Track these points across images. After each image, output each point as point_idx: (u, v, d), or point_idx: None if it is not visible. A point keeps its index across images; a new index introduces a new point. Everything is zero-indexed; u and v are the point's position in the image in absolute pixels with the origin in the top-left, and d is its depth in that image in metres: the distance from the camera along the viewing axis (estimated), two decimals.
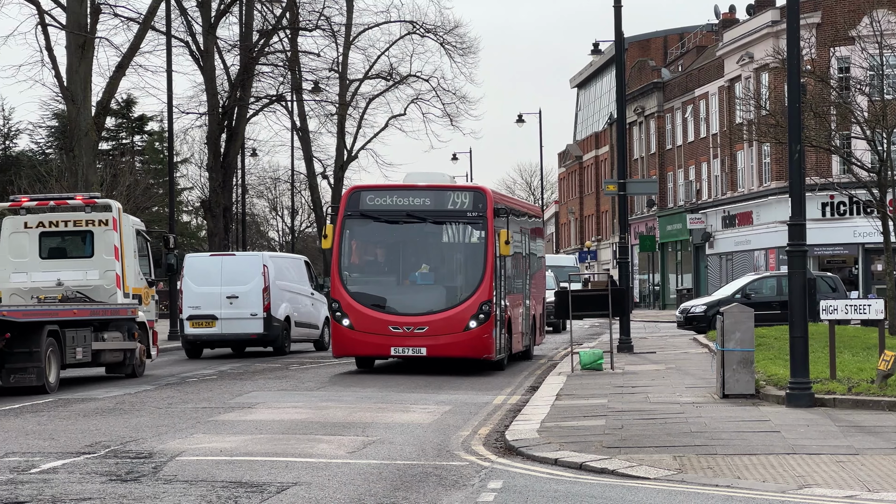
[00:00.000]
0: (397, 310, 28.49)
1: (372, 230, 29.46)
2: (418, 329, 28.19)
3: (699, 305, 46.81)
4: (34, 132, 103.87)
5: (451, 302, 28.46)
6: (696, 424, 17.94)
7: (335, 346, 29.23)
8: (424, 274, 28.98)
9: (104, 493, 13.06)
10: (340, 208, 29.17)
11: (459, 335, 28.12)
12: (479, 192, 29.02)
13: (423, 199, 29.00)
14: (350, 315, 28.53)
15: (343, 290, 28.71)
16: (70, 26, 43.94)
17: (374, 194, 29.35)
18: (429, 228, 29.25)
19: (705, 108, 78.74)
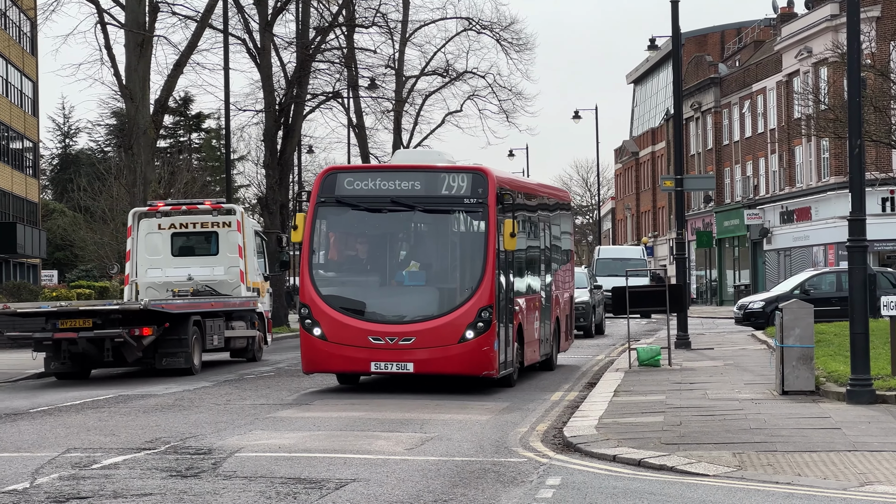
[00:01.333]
0: (379, 317, 23.38)
1: (350, 220, 24.43)
2: (404, 340, 23.05)
3: (757, 301, 46.54)
4: (93, 130, 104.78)
5: (445, 307, 23.35)
6: (756, 421, 17.84)
7: (305, 361, 23.92)
8: (413, 273, 23.85)
9: (164, 488, 13.14)
10: (313, 194, 24.12)
11: (453, 348, 22.99)
12: (478, 174, 23.77)
13: (411, 182, 23.86)
14: (322, 323, 23.36)
15: (314, 292, 23.58)
16: (129, 25, 44.21)
17: (352, 177, 24.23)
18: (418, 218, 24.15)
19: (763, 103, 78.27)
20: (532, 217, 27.56)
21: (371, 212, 24.07)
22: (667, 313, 29.15)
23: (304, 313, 23.65)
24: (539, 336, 27.46)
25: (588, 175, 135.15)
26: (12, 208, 77.77)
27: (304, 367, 23.95)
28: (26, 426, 19.43)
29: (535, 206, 27.91)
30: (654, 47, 65.43)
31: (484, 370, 23.13)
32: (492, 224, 23.35)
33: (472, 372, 23.18)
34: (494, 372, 23.28)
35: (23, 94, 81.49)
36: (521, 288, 25.86)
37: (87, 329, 27.71)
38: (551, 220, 29.61)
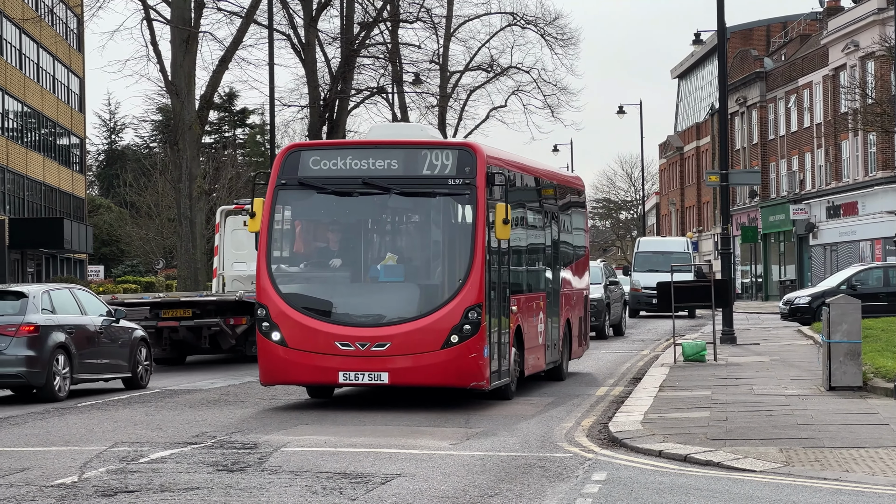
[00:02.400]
0: (349, 318, 19.97)
1: (315, 205, 20.97)
2: (377, 346, 19.61)
3: (803, 297, 46.30)
4: (139, 126, 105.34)
5: (426, 307, 19.89)
6: (803, 417, 17.75)
7: (262, 371, 20.40)
8: (390, 268, 20.42)
9: (211, 482, 13.20)
10: (272, 175, 20.77)
11: (436, 354, 19.61)
12: (465, 151, 20.34)
13: (387, 160, 20.42)
14: (282, 326, 19.96)
15: (273, 290, 20.14)
16: (175, 21, 44.39)
17: (319, 155, 20.72)
18: (395, 202, 20.72)
19: (809, 97, 77.85)
20: (536, 203, 24.18)
21: (340, 195, 20.60)
22: (712, 309, 29.03)
23: (260, 315, 20.17)
24: (544, 340, 23.89)
25: (632, 170, 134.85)
26: (59, 204, 78.29)
27: (262, 377, 20.47)
28: (74, 420, 19.57)
29: (539, 191, 24.41)
30: (700, 42, 65.18)
31: (472, 381, 19.75)
32: (481, 209, 19.86)
33: (458, 383, 19.83)
34: (485, 383, 19.86)
35: (70, 91, 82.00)
36: (521, 284, 22.65)
37: (187, 318, 30.49)
38: (560, 208, 26.06)
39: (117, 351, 24.58)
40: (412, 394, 22.22)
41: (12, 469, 14.30)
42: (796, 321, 44.61)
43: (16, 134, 71.08)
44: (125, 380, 25.02)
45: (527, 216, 23.35)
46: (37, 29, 70.28)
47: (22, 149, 71.27)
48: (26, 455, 15.56)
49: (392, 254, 20.66)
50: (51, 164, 76.83)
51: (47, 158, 76.21)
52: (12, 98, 69.43)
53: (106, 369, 24.30)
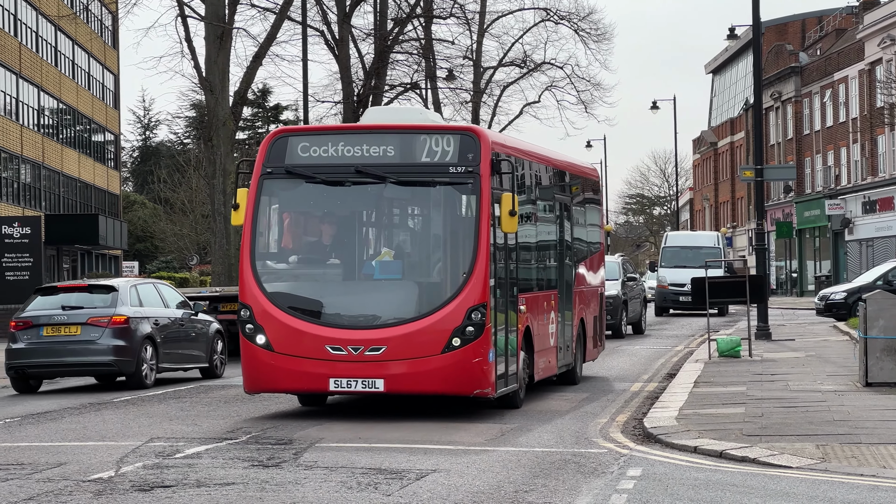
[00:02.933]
0: (340, 319, 18.26)
1: (304, 196, 19.25)
2: (372, 350, 17.90)
3: (839, 292, 46.07)
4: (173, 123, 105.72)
5: (425, 307, 18.14)
6: (839, 413, 17.67)
7: (246, 377, 18.71)
8: (386, 264, 18.75)
9: (247, 478, 13.23)
10: (257, 163, 18.95)
11: (436, 359, 17.82)
12: (467, 136, 18.55)
13: (382, 146, 18.72)
14: (268, 328, 18.22)
15: (258, 289, 18.40)
16: (209, 17, 44.48)
17: (308, 141, 18.96)
18: (392, 193, 19.07)
19: (844, 92, 77.49)
20: (547, 194, 22.45)
21: (331, 185, 18.84)
22: (747, 304, 28.94)
23: (244, 316, 18.41)
24: (556, 342, 22.11)
25: (666, 165, 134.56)
26: (94, 200, 78.64)
27: (246, 385, 18.73)
28: (110, 415, 19.66)
29: (551, 180, 22.64)
30: (734, 36, 64.92)
31: (475, 388, 17.89)
32: (485, 199, 18.15)
33: (460, 391, 18.03)
34: (489, 390, 18.01)
35: (104, 87, 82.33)
36: (531, 281, 20.95)
37: None
38: (573, 199, 24.21)
39: (196, 342, 26.54)
40: None
41: (49, 464, 14.38)
42: (832, 317, 44.40)
43: (51, 131, 71.41)
44: (203, 370, 26.83)
45: (537, 207, 21.58)
46: (72, 26, 70.56)
47: (57, 145, 71.60)
48: (63, 450, 15.64)
49: (388, 249, 19.00)
50: (86, 160, 77.17)
51: (82, 155, 76.54)
52: (48, 95, 69.76)
53: (187, 359, 26.26)
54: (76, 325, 24.12)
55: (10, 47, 63.30)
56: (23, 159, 65.32)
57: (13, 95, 64.14)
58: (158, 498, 12.10)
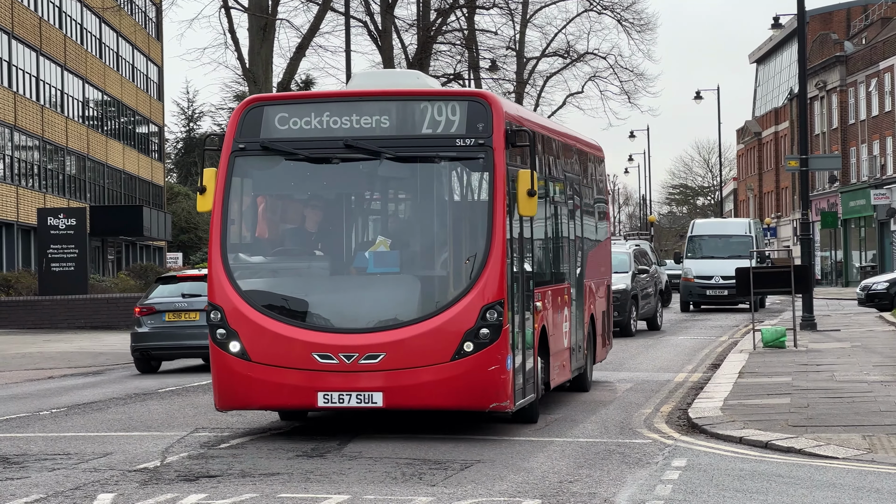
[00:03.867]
0: (329, 322, 15.42)
1: (284, 176, 16.33)
2: (368, 357, 15.03)
3: (881, 282, 45.70)
4: (216, 114, 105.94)
5: (430, 306, 15.36)
6: (885, 404, 17.56)
7: (218, 391, 15.63)
8: (381, 255, 15.79)
9: (291, 468, 13.27)
10: (227, 138, 16.07)
11: (445, 368, 15.03)
12: (477, 103, 15.70)
13: (376, 117, 15.84)
14: (242, 334, 15.33)
15: (230, 287, 15.48)
16: (252, 9, 44.58)
17: (287, 111, 16.05)
18: (388, 170, 16.16)
19: (890, 81, 76.95)
20: (559, 174, 19.43)
21: (315, 162, 15.97)
22: (792, 295, 28.79)
23: (214, 319, 15.46)
24: (569, 343, 19.51)
25: (710, 156, 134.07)
26: (139, 191, 79.03)
27: (218, 401, 15.68)
28: (155, 406, 19.76)
29: (558, 156, 19.40)
30: (779, 26, 64.60)
31: (491, 402, 15.11)
32: (500, 177, 15.34)
33: (474, 405, 15.27)
34: (507, 403, 15.25)
35: (148, 79, 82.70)
36: (545, 274, 18.22)
37: None
38: (583, 180, 21.43)
39: None
40: None
41: (96, 454, 14.47)
42: (874, 307, 44.06)
43: (96, 122, 71.81)
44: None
45: (548, 189, 18.38)
46: (116, 18, 70.91)
47: (102, 137, 71.98)
48: (109, 440, 15.73)
49: (384, 237, 16.01)
50: (130, 152, 77.55)
51: (127, 147, 76.92)
52: (92, 87, 70.13)
53: None
54: (195, 312, 25.91)
55: (55, 40, 63.66)
56: (68, 151, 65.73)
57: (58, 87, 64.54)
58: (204, 487, 12.15)
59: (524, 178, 15.52)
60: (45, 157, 62.77)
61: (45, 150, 62.66)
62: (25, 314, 43.86)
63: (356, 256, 16.05)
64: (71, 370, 27.51)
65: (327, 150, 15.83)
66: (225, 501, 11.43)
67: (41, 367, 28.26)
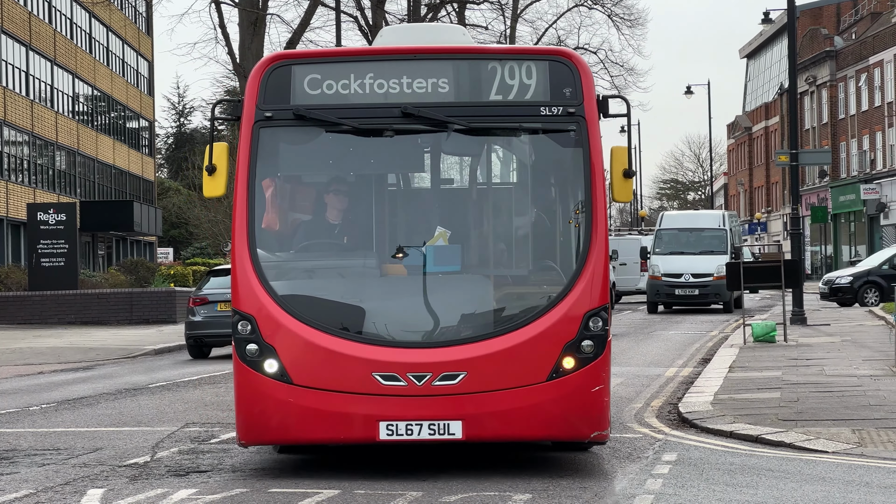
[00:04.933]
0: (392, 334, 12.30)
1: (323, 152, 13.13)
2: (443, 378, 12.01)
3: (845, 277, 45.40)
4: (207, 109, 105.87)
5: (519, 313, 12.41)
6: (875, 397, 17.60)
7: (246, 421, 12.36)
8: (442, 250, 12.67)
9: (282, 462, 13.27)
10: (247, 105, 12.70)
11: (539, 390, 12.13)
12: (560, 63, 12.82)
13: (432, 80, 12.68)
14: (282, 350, 12.17)
15: (262, 291, 12.32)
16: (242, 3, 44.60)
17: (320, 71, 12.75)
18: (455, 146, 13.13)
19: (880, 75, 77.06)
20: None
21: (365, 135, 12.74)
22: (782, 289, 28.81)
23: (242, 331, 12.29)
24: None
25: (700, 150, 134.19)
26: (129, 186, 78.96)
27: (244, 433, 12.41)
28: (146, 401, 19.75)
29: None
30: (769, 21, 64.71)
31: (593, 430, 12.40)
32: (596, 154, 12.64)
33: (573, 434, 12.48)
34: (607, 432, 12.61)
35: (139, 74, 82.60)
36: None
37: None
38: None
39: None
40: None
41: (86, 449, 14.47)
42: (836, 302, 43.66)
43: (86, 117, 71.71)
44: None
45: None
46: (106, 13, 70.81)
47: (92, 132, 71.89)
48: (99, 435, 15.72)
49: (443, 228, 12.92)
50: (120, 147, 77.46)
51: (117, 141, 76.83)
52: (82, 82, 70.04)
53: None
54: None
55: (44, 34, 63.56)
56: (58, 146, 65.65)
57: (48, 82, 64.45)
58: (194, 482, 12.15)
59: (618, 156, 12.86)
60: (34, 152, 62.69)
61: (34, 145, 62.58)
62: (15, 309, 43.83)
63: (416, 252, 12.76)
64: (61, 365, 27.49)
65: (379, 119, 12.61)
66: (215, 496, 11.43)
67: (31, 363, 28.24)
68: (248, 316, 12.27)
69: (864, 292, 44.45)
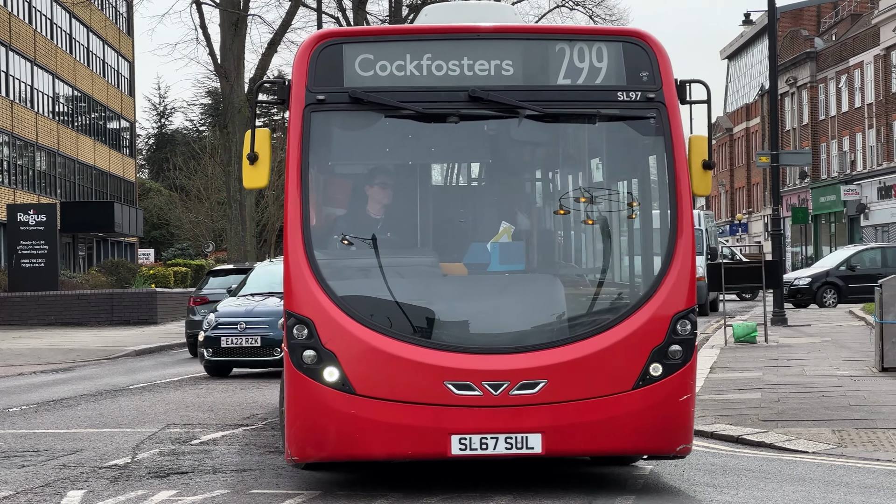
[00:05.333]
0: (465, 339, 11.26)
1: (382, 139, 11.99)
2: (522, 387, 11.00)
3: (804, 277, 45.40)
4: (188, 110, 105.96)
5: (602, 315, 11.48)
6: (855, 398, 17.64)
7: (302, 435, 11.26)
8: (507, 248, 11.85)
9: (263, 464, 13.25)
10: (296, 87, 11.45)
11: (624, 400, 11.17)
12: (635, 45, 11.75)
13: (495, 61, 11.53)
14: (343, 356, 11.06)
15: (320, 291, 11.17)
16: (224, 4, 44.56)
17: (373, 51, 11.55)
18: (525, 133, 11.91)
19: (860, 77, 77.30)
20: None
21: (426, 121, 11.60)
22: (763, 290, 28.87)
23: (298, 336, 11.11)
24: None
25: None
26: (110, 187, 78.79)
27: (297, 450, 11.31)
28: (126, 402, 19.71)
29: None
30: (749, 22, 64.91)
31: (679, 442, 11.41)
32: (679, 144, 11.64)
33: (660, 447, 11.46)
34: (691, 445, 11.59)
35: (119, 75, 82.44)
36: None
37: None
38: None
39: None
40: None
41: (66, 450, 14.43)
42: (794, 303, 43.59)
43: (67, 118, 71.55)
44: None
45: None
46: (87, 13, 70.68)
47: (73, 133, 71.73)
48: (80, 436, 15.69)
49: (507, 223, 12.02)
50: (101, 147, 77.30)
51: (98, 142, 76.67)
52: (63, 82, 69.88)
53: None
54: None
55: (24, 34, 63.40)
56: (38, 146, 65.48)
57: (28, 83, 64.28)
58: (174, 484, 12.12)
59: (698, 146, 11.84)
60: (14, 153, 62.51)
61: (14, 146, 62.40)
62: None
63: (469, 250, 11.96)
64: (41, 367, 27.43)
65: (443, 103, 11.47)
66: (196, 498, 11.41)
67: (11, 364, 28.17)
68: (306, 319, 11.13)
69: (823, 293, 44.52)
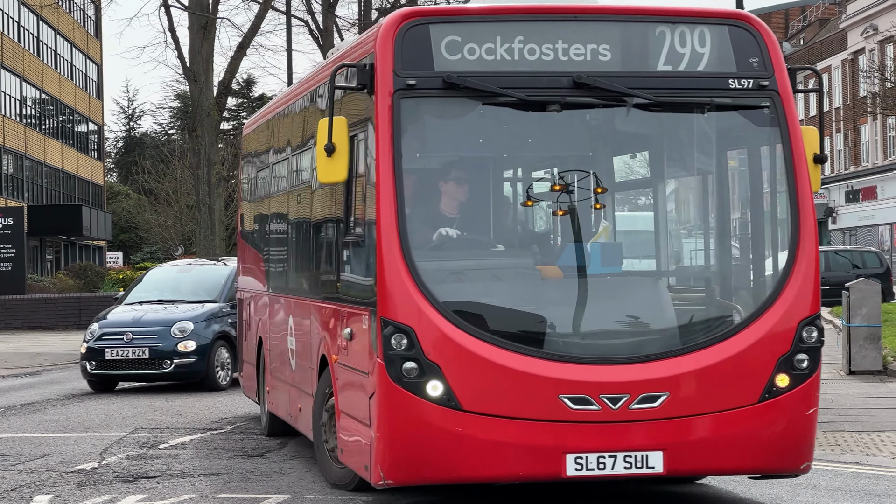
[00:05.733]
0: (579, 349, 10.21)
1: (473, 130, 10.89)
2: (643, 400, 9.97)
3: None
4: (157, 113, 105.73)
5: (720, 321, 10.55)
6: (823, 401, 17.56)
7: (399, 455, 10.04)
8: (606, 248, 10.96)
9: (231, 468, 13.21)
10: (380, 71, 10.17)
11: (749, 413, 10.22)
12: (742, 28, 10.64)
13: (591, 45, 10.38)
14: (448, 369, 9.88)
15: (422, 297, 9.93)
16: (192, 7, 44.43)
17: (460, 32, 10.34)
18: (630, 123, 10.88)
19: (828, 81, 77.69)
20: None
21: (526, 109, 10.41)
22: None
23: (397, 346, 9.95)
24: None
25: None
26: (78, 191, 78.52)
27: (394, 472, 10.11)
28: (94, 406, 19.62)
29: None
30: None
31: (803, 460, 10.55)
32: (796, 136, 10.74)
33: (785, 466, 10.57)
34: (811, 461, 10.69)
35: (88, 78, 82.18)
36: None
37: None
38: None
39: None
40: None
41: (32, 455, 14.36)
42: None
43: (34, 121, 71.26)
44: None
45: None
46: (54, 15, 70.42)
47: (40, 136, 71.45)
48: (46, 441, 15.61)
49: (606, 222, 11.18)
50: (69, 151, 77.02)
51: (65, 145, 76.40)
52: (30, 85, 69.60)
53: None
54: None
55: None
56: (5, 150, 65.21)
57: None
58: (142, 488, 12.08)
59: (811, 138, 10.94)
60: None
61: None
62: None
63: (566, 250, 10.89)
64: (7, 371, 27.29)
65: (544, 90, 10.33)
66: (164, 502, 11.37)
67: None
68: (406, 328, 9.97)
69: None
